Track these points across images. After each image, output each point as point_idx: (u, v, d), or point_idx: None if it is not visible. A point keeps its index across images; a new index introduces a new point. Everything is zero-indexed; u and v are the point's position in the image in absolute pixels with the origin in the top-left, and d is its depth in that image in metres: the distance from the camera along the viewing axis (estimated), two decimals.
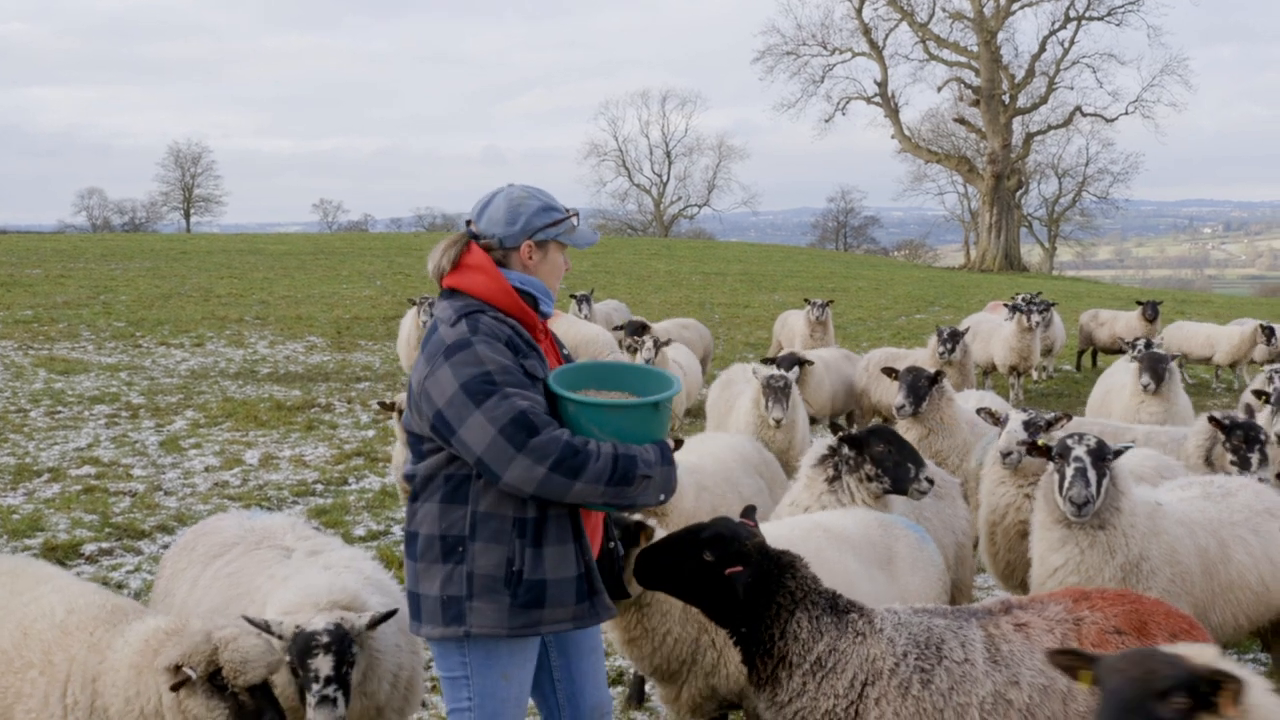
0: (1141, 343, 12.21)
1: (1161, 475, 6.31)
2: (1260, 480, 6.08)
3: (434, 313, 3.67)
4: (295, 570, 4.46)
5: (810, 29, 52.34)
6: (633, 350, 12.20)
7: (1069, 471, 4.82)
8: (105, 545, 8.18)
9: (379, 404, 7.77)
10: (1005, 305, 17.67)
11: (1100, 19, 49.19)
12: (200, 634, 3.62)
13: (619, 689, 5.96)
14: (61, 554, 7.88)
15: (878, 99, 51.40)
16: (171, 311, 22.54)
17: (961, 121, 52.25)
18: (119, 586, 7.35)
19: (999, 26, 48.73)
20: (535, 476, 3.28)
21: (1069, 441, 4.92)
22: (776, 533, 4.51)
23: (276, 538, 4.79)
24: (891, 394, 12.11)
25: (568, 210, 3.67)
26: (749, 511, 4.07)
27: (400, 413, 6.15)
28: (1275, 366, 10.13)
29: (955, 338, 12.66)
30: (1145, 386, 9.59)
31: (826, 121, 52.81)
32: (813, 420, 10.97)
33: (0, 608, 4.02)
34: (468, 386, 3.33)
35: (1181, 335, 17.29)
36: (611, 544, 3.84)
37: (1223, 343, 16.78)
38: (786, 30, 53.53)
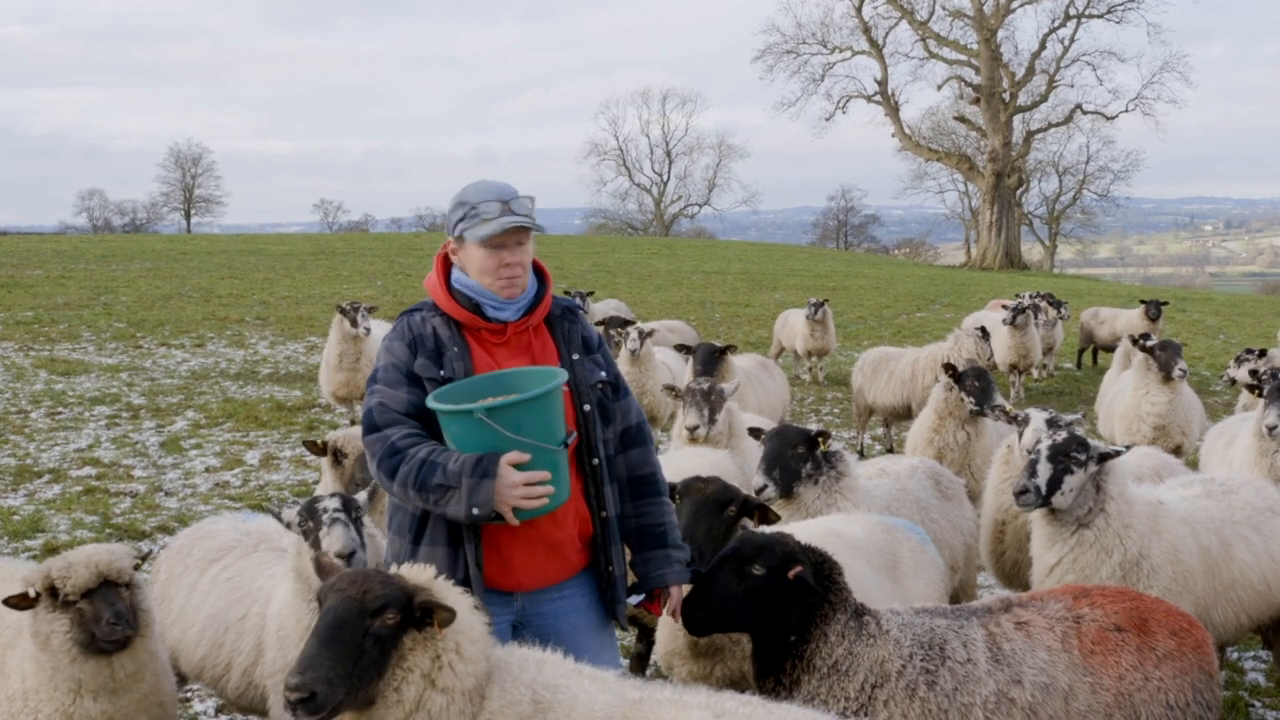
0: (1125, 339, 12.17)
1: (1160, 474, 6.31)
2: None
3: None
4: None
5: (810, 27, 52.47)
6: (616, 345, 12.15)
7: (1026, 462, 4.92)
8: None
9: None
10: (1004, 305, 17.70)
11: (1100, 16, 49.24)
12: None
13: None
14: None
15: (878, 97, 51.42)
16: (172, 312, 22.53)
17: (962, 119, 52.25)
18: None
19: (999, 24, 48.73)
20: (373, 471, 3.43)
21: (1041, 435, 4.98)
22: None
23: (273, 540, 4.79)
24: (886, 394, 12.13)
25: (506, 201, 3.45)
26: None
27: (333, 454, 5.83)
28: (1266, 363, 10.11)
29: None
30: (1184, 372, 9.13)
31: (827, 120, 52.97)
32: None
33: None
34: (368, 383, 3.60)
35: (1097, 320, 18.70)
36: (609, 568, 3.67)
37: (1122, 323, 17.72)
38: (786, 29, 53.61)
